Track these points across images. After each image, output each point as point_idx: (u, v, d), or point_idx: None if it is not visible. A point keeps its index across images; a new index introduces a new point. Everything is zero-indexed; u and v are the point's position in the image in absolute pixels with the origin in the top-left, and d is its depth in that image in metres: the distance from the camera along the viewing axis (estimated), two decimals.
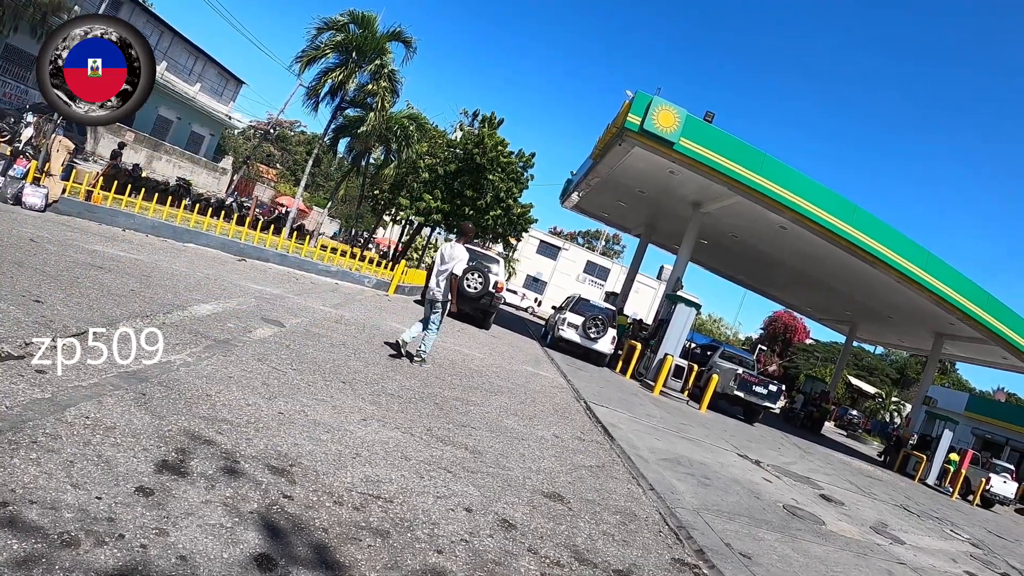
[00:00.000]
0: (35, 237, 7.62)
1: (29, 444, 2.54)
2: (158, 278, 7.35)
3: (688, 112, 15.19)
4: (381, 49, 19.81)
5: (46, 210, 10.31)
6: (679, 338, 16.97)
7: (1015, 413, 37.48)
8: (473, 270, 14.34)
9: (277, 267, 13.04)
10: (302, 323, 7.51)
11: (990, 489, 20.78)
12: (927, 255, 17.77)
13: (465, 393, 6.80)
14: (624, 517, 4.43)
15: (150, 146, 31.91)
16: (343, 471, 3.36)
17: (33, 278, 5.34)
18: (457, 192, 25.72)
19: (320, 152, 25.19)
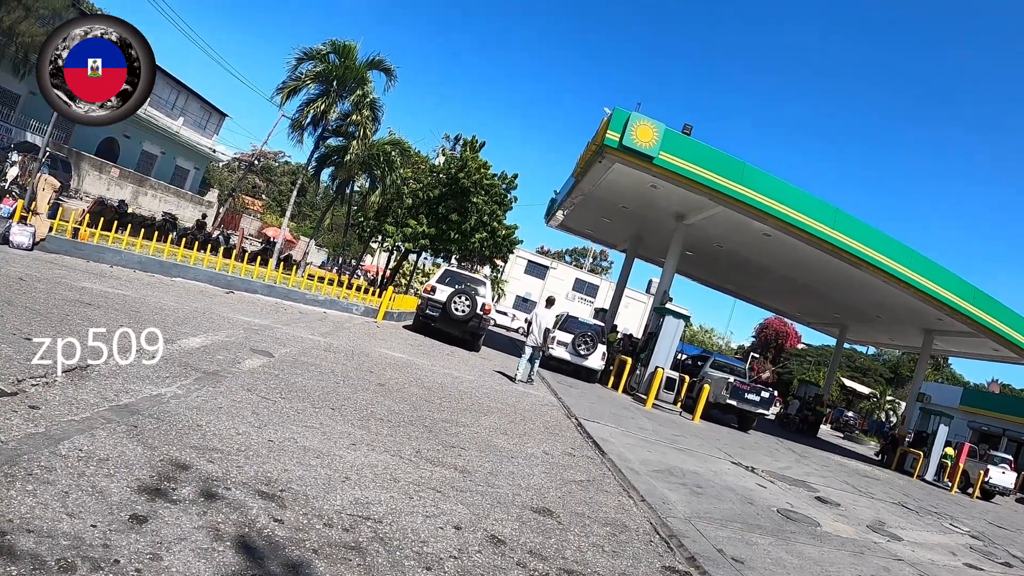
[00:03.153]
0: (24, 276, 7.67)
1: (25, 476, 2.61)
2: (147, 313, 7.40)
3: (666, 126, 15.45)
4: (361, 78, 20.05)
5: (34, 249, 10.35)
6: (669, 350, 17.08)
7: (1010, 404, 37.77)
8: (460, 293, 14.47)
9: (265, 298, 13.09)
10: (291, 352, 7.57)
11: (989, 481, 20.87)
12: (911, 253, 18.04)
13: (454, 415, 6.86)
14: (614, 528, 4.49)
15: (135, 182, 31.96)
16: (332, 494, 3.43)
17: (23, 316, 5.40)
18: (442, 216, 25.91)
19: (304, 182, 25.32)
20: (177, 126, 38.12)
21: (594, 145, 16.63)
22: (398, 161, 24.63)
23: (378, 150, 23.83)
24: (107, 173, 29.91)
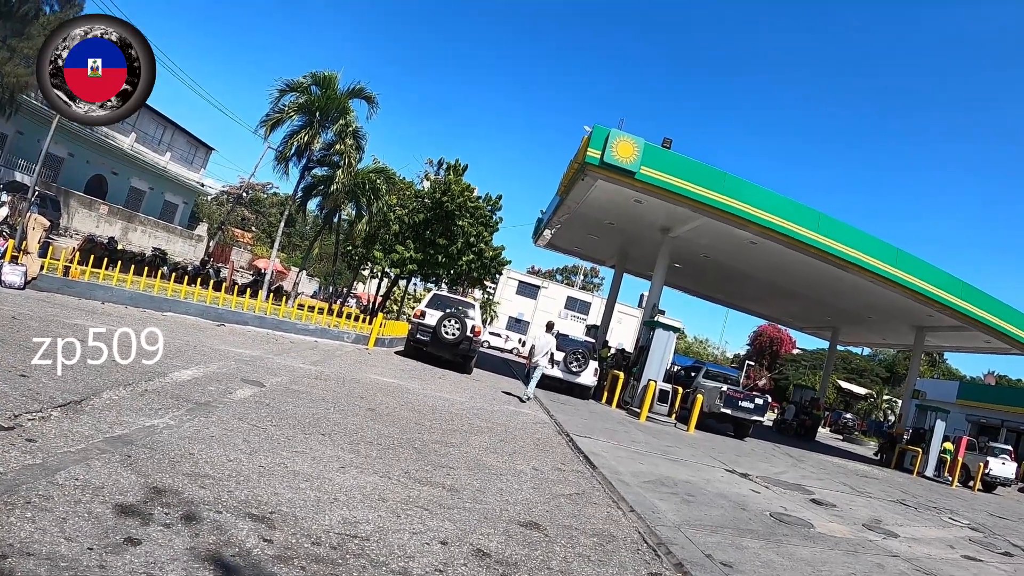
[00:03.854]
0: (16, 314, 7.78)
1: (24, 504, 2.73)
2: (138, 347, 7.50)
3: (646, 141, 15.72)
4: (343, 108, 20.28)
5: (25, 287, 10.46)
6: (661, 363, 17.21)
7: (1006, 394, 38.00)
8: (449, 317, 14.61)
9: (256, 329, 13.18)
10: (282, 382, 7.66)
11: (989, 472, 21.04)
12: (896, 252, 18.29)
13: (444, 436, 6.95)
14: (601, 539, 4.56)
15: (124, 218, 32.12)
16: (321, 515, 3.53)
17: (17, 354, 5.50)
18: (429, 241, 26.09)
19: (292, 212, 25.49)
20: (164, 161, 38.38)
21: (576, 163, 16.88)
22: (383, 188, 24.82)
23: (363, 178, 24.02)
24: (96, 210, 30.06)
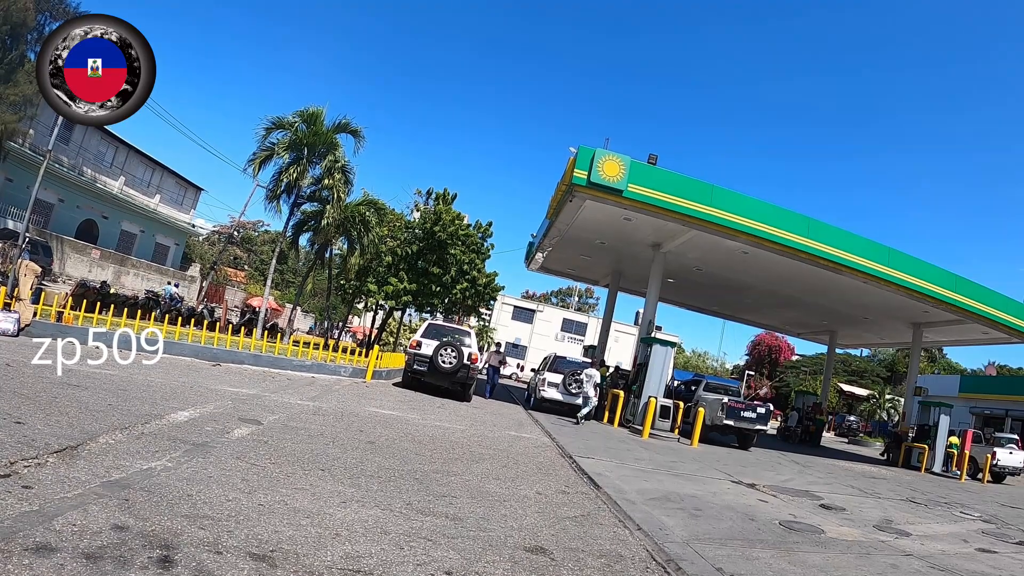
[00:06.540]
0: (10, 361, 7.78)
1: (21, 552, 2.70)
2: (134, 391, 7.46)
3: (632, 159, 15.87)
4: (331, 143, 20.44)
5: (19, 334, 10.43)
6: (660, 379, 17.15)
7: (1008, 384, 37.94)
8: (446, 346, 14.58)
9: (252, 367, 13.12)
10: (279, 419, 7.61)
11: (997, 463, 20.98)
12: (888, 251, 18.46)
13: (445, 465, 6.89)
14: (609, 559, 4.50)
15: (116, 261, 32.11)
16: (323, 551, 3.48)
17: (12, 401, 5.49)
18: (422, 271, 26.11)
19: (283, 249, 25.53)
20: (154, 204, 38.47)
21: (564, 185, 17.00)
22: (374, 221, 24.90)
23: (353, 212, 24.11)
24: (88, 255, 30.05)
